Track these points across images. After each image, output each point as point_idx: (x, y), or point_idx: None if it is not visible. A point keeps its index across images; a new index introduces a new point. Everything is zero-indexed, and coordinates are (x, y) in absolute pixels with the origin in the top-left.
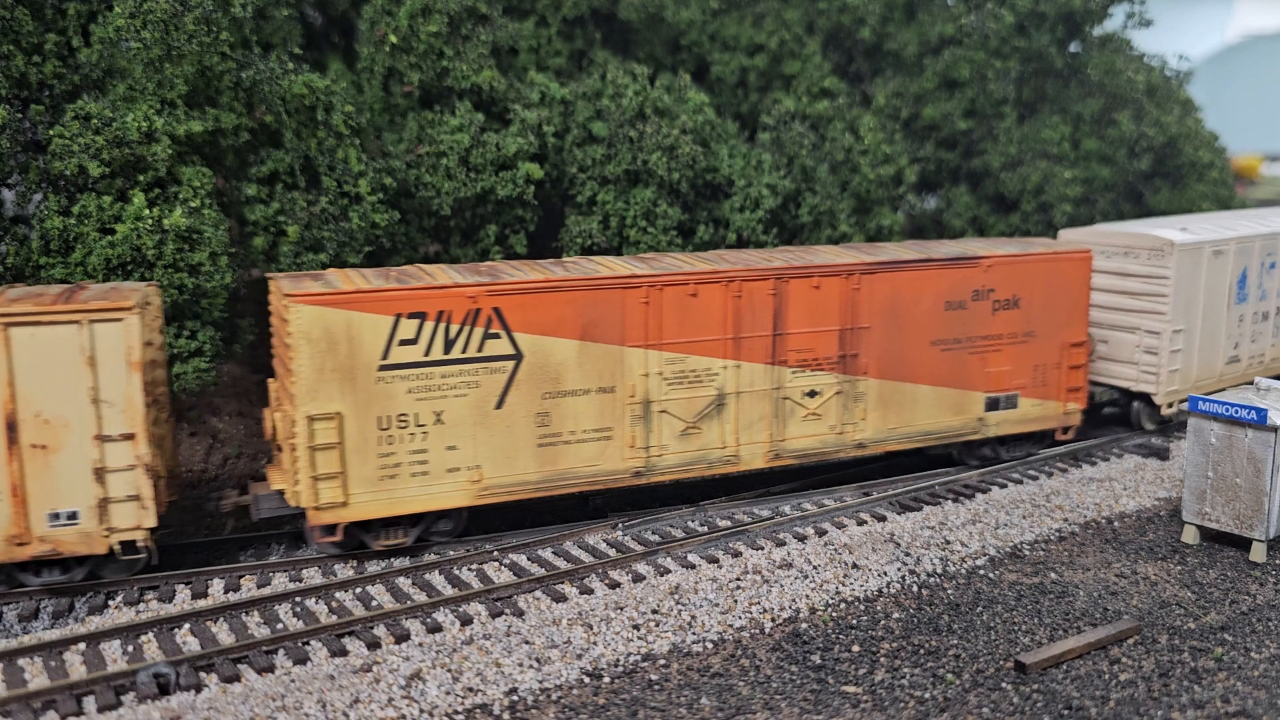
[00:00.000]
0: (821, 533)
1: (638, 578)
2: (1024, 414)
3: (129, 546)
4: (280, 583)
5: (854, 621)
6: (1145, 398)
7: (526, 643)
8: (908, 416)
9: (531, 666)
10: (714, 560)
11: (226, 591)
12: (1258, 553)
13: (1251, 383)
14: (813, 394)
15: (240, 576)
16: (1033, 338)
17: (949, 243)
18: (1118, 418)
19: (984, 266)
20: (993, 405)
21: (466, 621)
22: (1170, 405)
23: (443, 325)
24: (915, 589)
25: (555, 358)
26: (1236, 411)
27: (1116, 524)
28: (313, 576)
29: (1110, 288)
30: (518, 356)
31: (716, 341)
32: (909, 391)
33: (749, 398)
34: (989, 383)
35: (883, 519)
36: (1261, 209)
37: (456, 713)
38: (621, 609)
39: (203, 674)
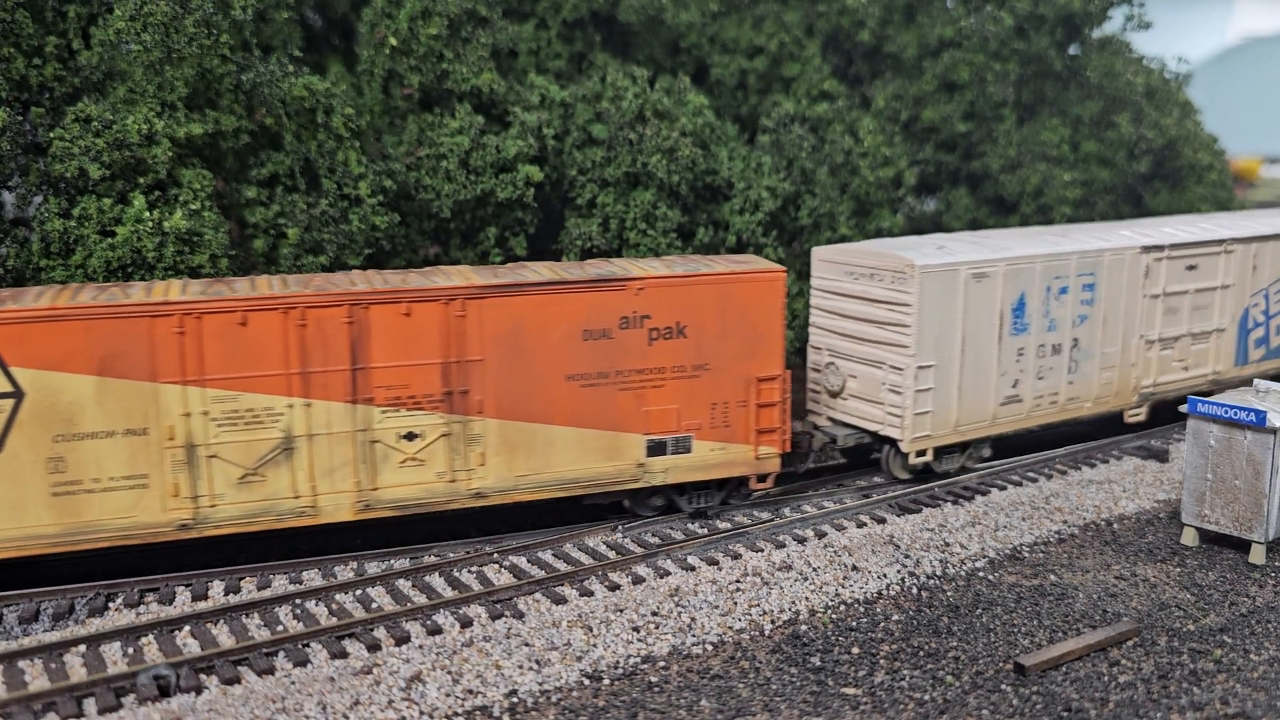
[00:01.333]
0: (821, 535)
1: (637, 580)
2: (701, 459)
3: None
4: (280, 585)
5: (853, 623)
6: (895, 442)
7: (526, 645)
8: (542, 462)
9: (531, 668)
10: (714, 562)
11: (226, 593)
12: (1257, 555)
13: (1250, 384)
14: (411, 436)
15: (240, 578)
16: (707, 371)
17: (600, 262)
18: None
19: (633, 290)
20: (657, 449)
21: (466, 623)
22: (922, 453)
23: None
24: (915, 591)
25: (67, 395)
26: (1236, 414)
27: (1116, 526)
28: (313, 578)
29: (858, 315)
30: (17, 394)
31: (277, 377)
32: (542, 434)
33: (326, 441)
34: (650, 423)
35: (882, 521)
36: (1093, 225)
37: (456, 714)
38: (621, 611)
39: (203, 676)
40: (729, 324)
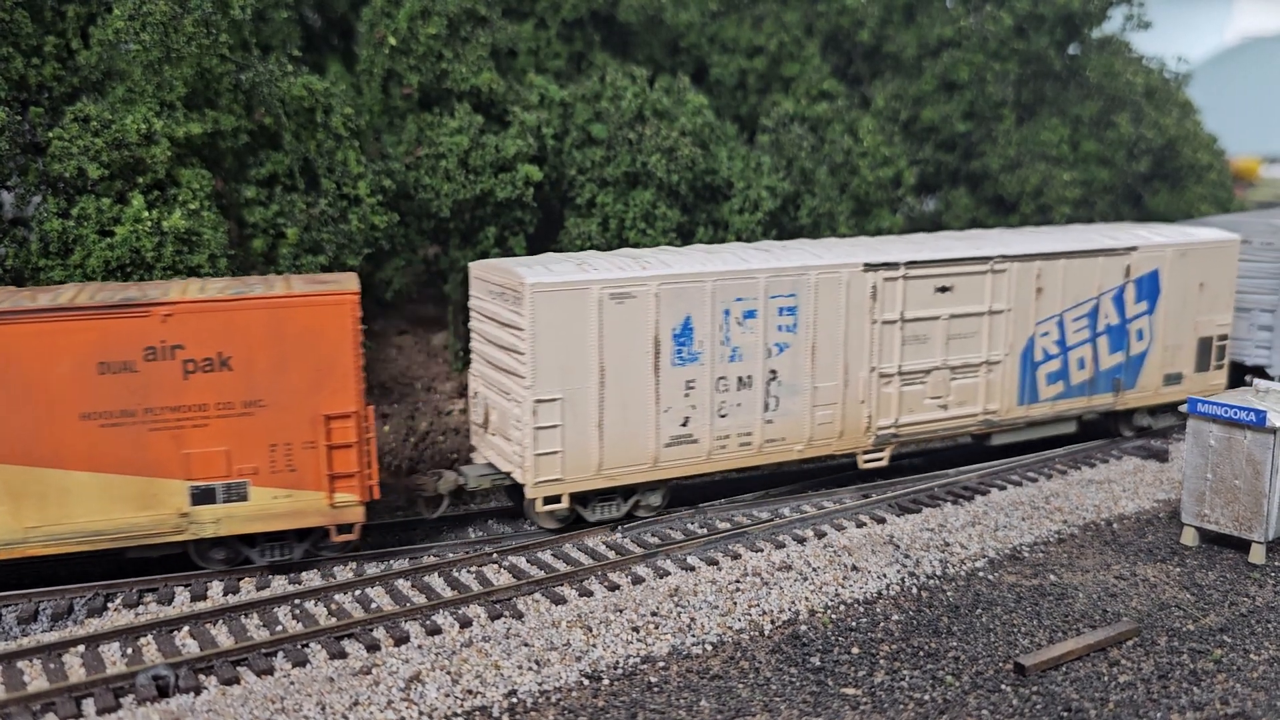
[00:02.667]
0: (821, 535)
1: (637, 580)
2: (261, 508)
3: None
4: (279, 585)
5: (853, 624)
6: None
7: (526, 645)
8: (57, 512)
9: (531, 669)
10: (713, 562)
11: (225, 594)
12: (1257, 554)
13: (1249, 383)
14: None
15: (239, 579)
16: (263, 408)
17: (127, 286)
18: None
19: (158, 316)
20: (204, 497)
21: (466, 624)
22: (555, 499)
23: None
24: (915, 591)
25: None
26: (1236, 413)
27: (1116, 526)
28: (312, 579)
29: (493, 339)
30: None
31: None
32: (54, 480)
33: None
34: (193, 468)
35: (882, 521)
36: (805, 243)
37: (456, 715)
38: (621, 611)
39: (202, 676)
40: (288, 354)
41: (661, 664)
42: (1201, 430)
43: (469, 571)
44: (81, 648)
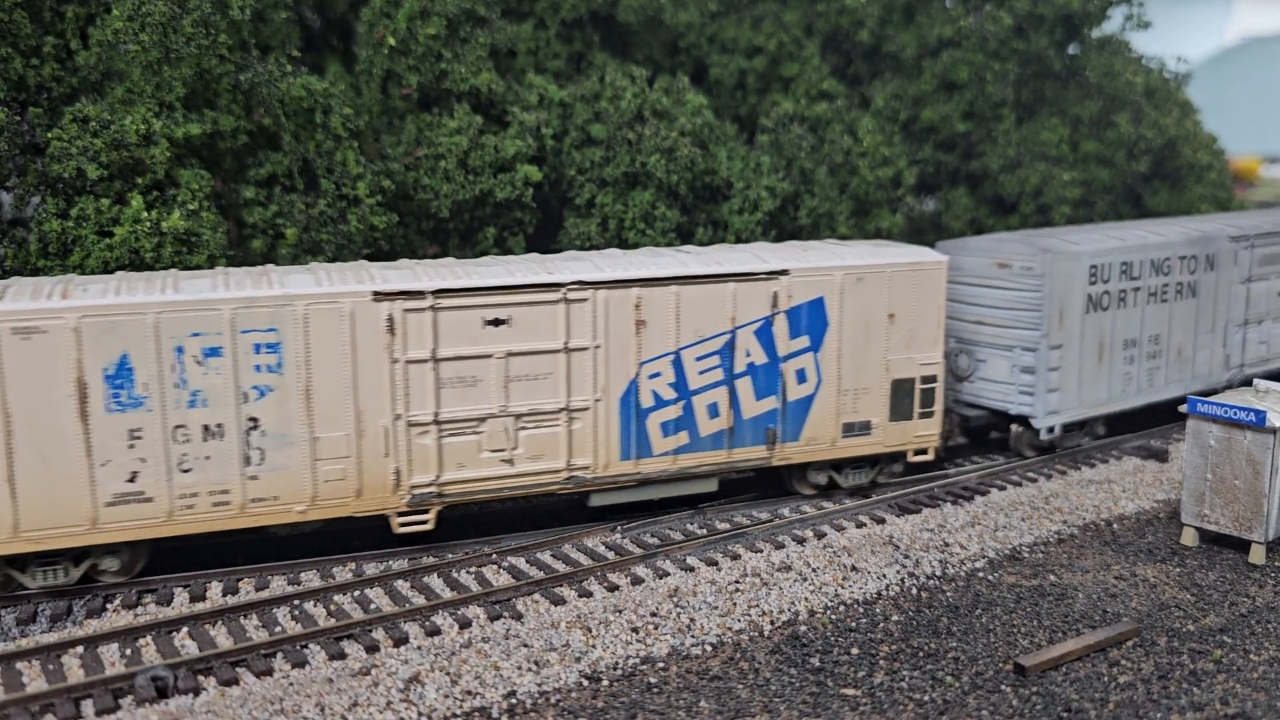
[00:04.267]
0: (820, 535)
1: (636, 580)
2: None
3: None
4: (278, 586)
5: (853, 624)
6: None
7: (525, 646)
8: None
9: (530, 669)
10: (713, 563)
11: (224, 594)
12: (1257, 555)
13: (1250, 382)
14: None
15: (238, 579)
16: None
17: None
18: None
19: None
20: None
21: (465, 624)
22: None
23: None
24: (914, 591)
25: None
26: (1235, 413)
27: (1115, 526)
28: (311, 579)
29: None
30: None
31: None
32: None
33: None
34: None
35: (882, 521)
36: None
37: (455, 716)
38: (620, 612)
39: (201, 677)
40: None
41: (661, 665)
42: (1201, 430)
43: (468, 572)
44: (80, 649)
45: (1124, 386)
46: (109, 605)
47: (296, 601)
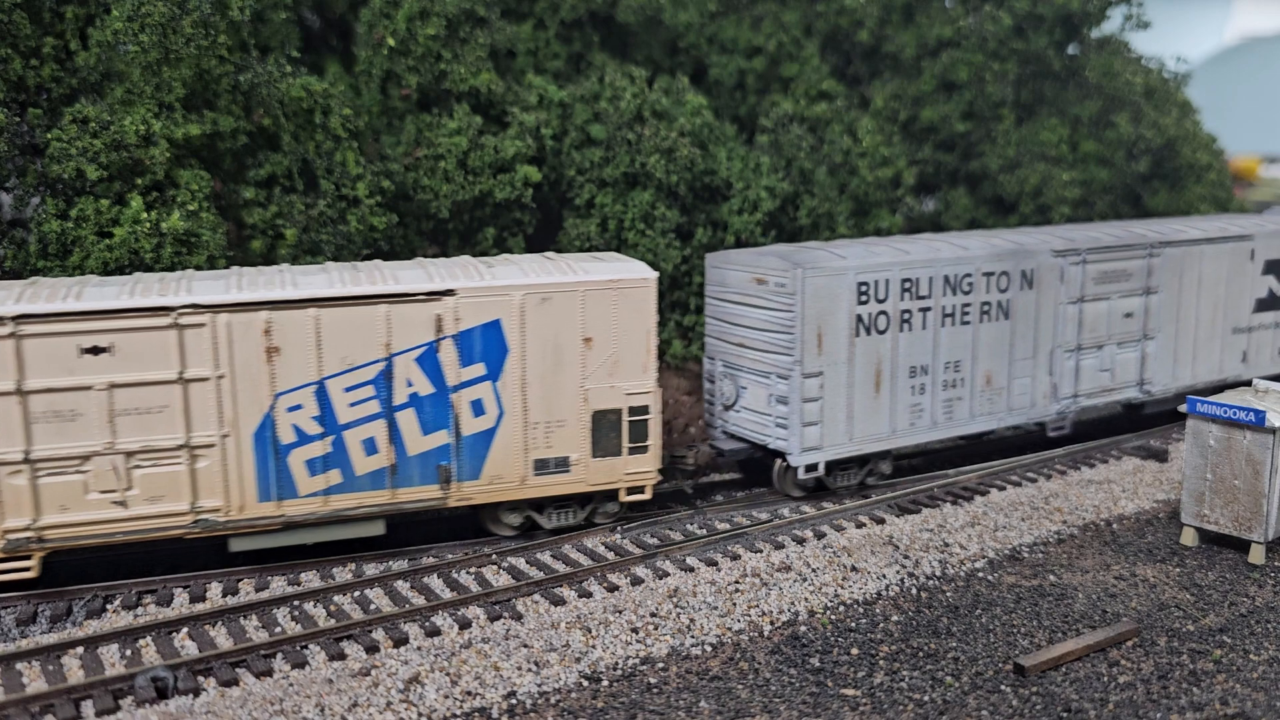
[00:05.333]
0: (820, 535)
1: (636, 581)
2: None
3: None
4: (278, 586)
5: (853, 624)
6: None
7: (525, 646)
8: None
9: (530, 670)
10: (713, 563)
11: (224, 595)
12: (1256, 555)
13: (1249, 383)
14: None
15: (238, 580)
16: None
17: None
18: None
19: None
20: None
21: (465, 625)
22: None
23: None
24: (914, 592)
25: None
26: (1235, 413)
27: (1115, 526)
28: (311, 580)
29: None
30: None
31: None
32: None
33: None
34: None
35: (881, 522)
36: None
37: (455, 716)
38: (620, 612)
39: (201, 678)
40: None
41: (661, 665)
42: (1201, 430)
43: (468, 573)
44: (80, 649)
45: (913, 420)
46: (109, 606)
47: (296, 602)
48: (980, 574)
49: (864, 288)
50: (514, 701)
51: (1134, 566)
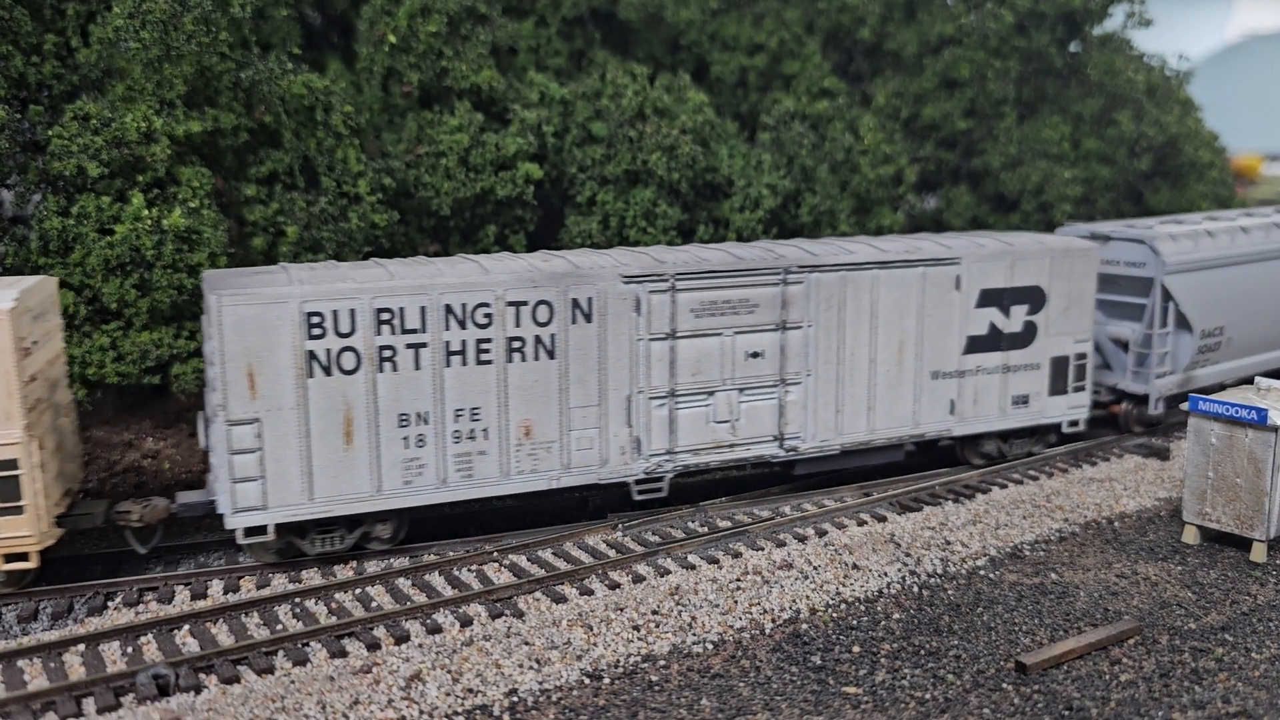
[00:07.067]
0: (822, 533)
1: (638, 578)
2: None
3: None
4: (280, 584)
5: (854, 622)
6: None
7: (526, 644)
8: None
9: (531, 668)
10: (714, 561)
11: (226, 592)
12: (1258, 553)
13: (1251, 381)
14: None
15: (239, 577)
16: None
17: None
18: None
19: None
20: None
21: (466, 623)
22: None
23: None
24: (916, 590)
25: None
26: (1237, 411)
27: (1117, 524)
28: (312, 578)
29: None
30: None
31: None
32: None
33: None
34: None
35: (883, 519)
36: None
37: (456, 714)
38: (622, 610)
39: (202, 675)
40: None
41: (662, 663)
42: (1203, 428)
43: (469, 570)
44: (82, 646)
45: (411, 477)
46: (110, 603)
47: (298, 599)
48: (982, 572)
49: (317, 319)
50: (515, 699)
51: (1136, 564)
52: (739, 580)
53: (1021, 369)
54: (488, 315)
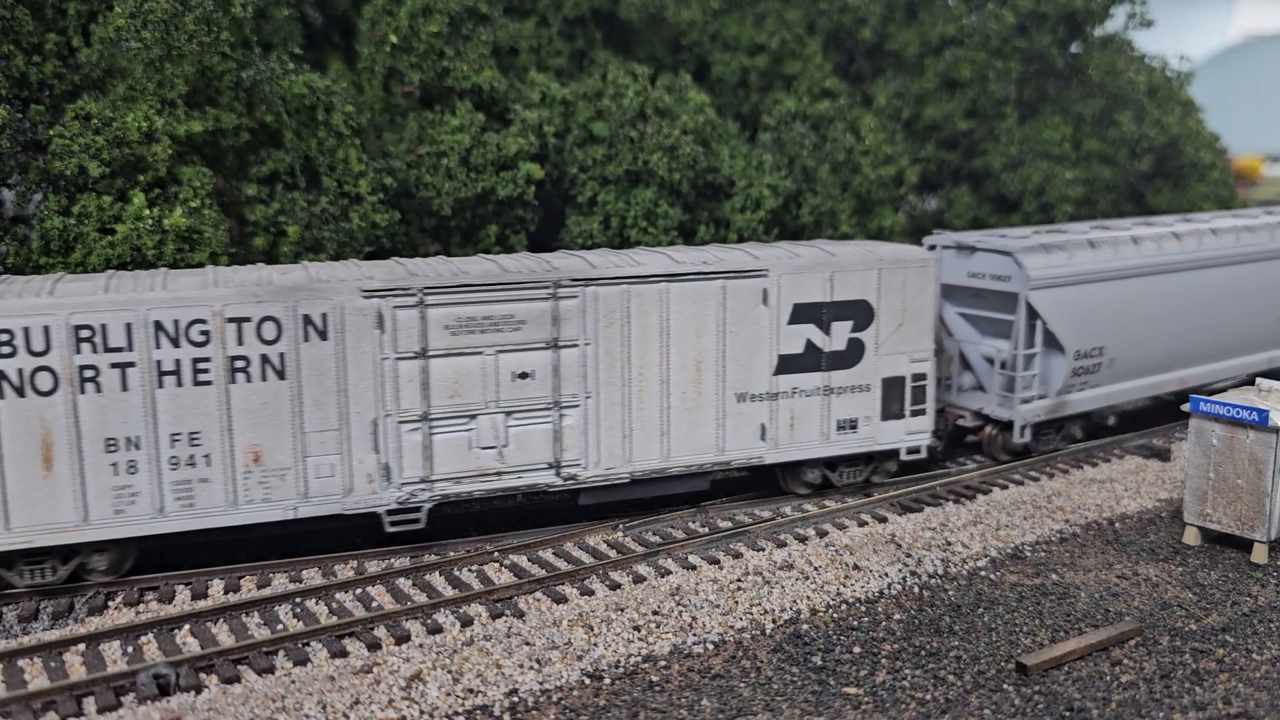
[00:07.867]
0: (823, 534)
1: (639, 579)
2: None
3: None
4: (280, 583)
5: (855, 623)
6: None
7: (527, 644)
8: None
9: (532, 668)
10: (715, 561)
11: (226, 592)
12: (1259, 554)
13: (1253, 382)
14: None
15: (240, 577)
16: None
17: None
18: None
19: None
20: None
21: (467, 623)
22: None
23: None
24: (916, 590)
25: None
26: (1238, 413)
27: (1118, 525)
28: (313, 577)
29: None
30: None
31: None
32: None
33: None
34: None
35: (884, 520)
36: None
37: (457, 714)
38: (622, 610)
39: (203, 675)
40: None
41: (663, 663)
42: (1204, 429)
43: (470, 570)
44: (82, 646)
45: (123, 505)
46: (110, 603)
47: (298, 599)
48: (982, 573)
49: (5, 336)
50: (516, 699)
51: (1136, 565)
52: (740, 581)
53: (847, 391)
54: (204, 332)
